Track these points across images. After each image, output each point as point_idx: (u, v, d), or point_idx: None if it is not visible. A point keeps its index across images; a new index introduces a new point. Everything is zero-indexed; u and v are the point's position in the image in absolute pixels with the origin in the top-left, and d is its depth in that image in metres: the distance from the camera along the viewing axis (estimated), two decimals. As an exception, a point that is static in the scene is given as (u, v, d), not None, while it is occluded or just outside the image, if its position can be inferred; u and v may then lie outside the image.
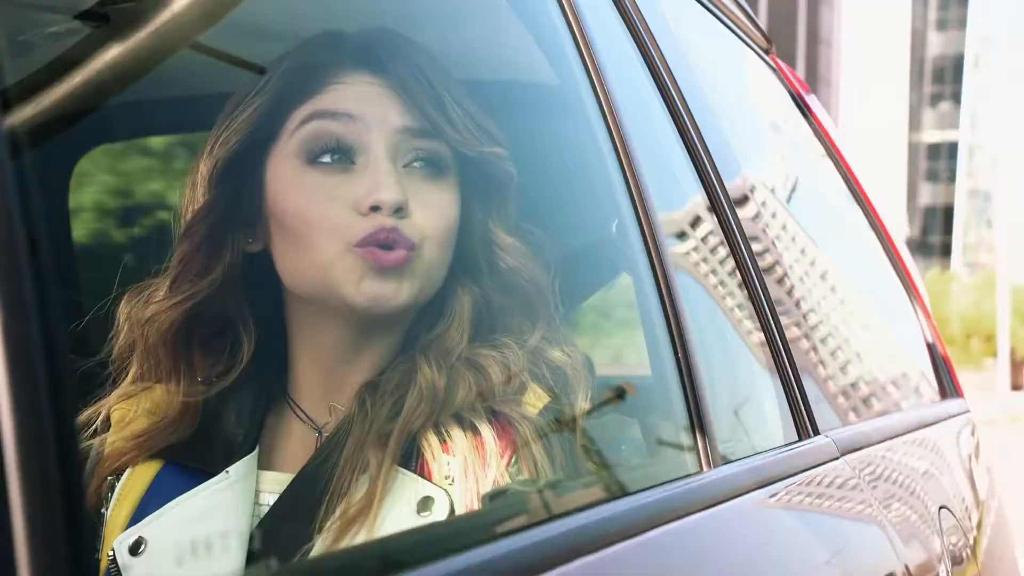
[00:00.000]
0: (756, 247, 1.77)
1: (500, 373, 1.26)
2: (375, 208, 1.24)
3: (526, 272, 1.32)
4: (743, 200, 1.82)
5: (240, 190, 1.30)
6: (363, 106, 1.28)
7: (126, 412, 1.32)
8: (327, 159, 1.27)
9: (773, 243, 1.94)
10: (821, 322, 2.12)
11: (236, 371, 1.31)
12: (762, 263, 1.76)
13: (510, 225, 1.33)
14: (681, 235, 1.61)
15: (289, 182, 1.27)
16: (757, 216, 1.91)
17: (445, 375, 1.26)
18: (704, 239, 1.68)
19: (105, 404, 1.33)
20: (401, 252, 1.24)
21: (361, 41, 1.32)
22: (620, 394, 1.44)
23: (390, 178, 1.26)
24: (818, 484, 1.64)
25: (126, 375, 1.32)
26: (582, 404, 1.29)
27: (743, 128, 2.26)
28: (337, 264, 1.25)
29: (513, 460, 1.23)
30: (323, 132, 1.27)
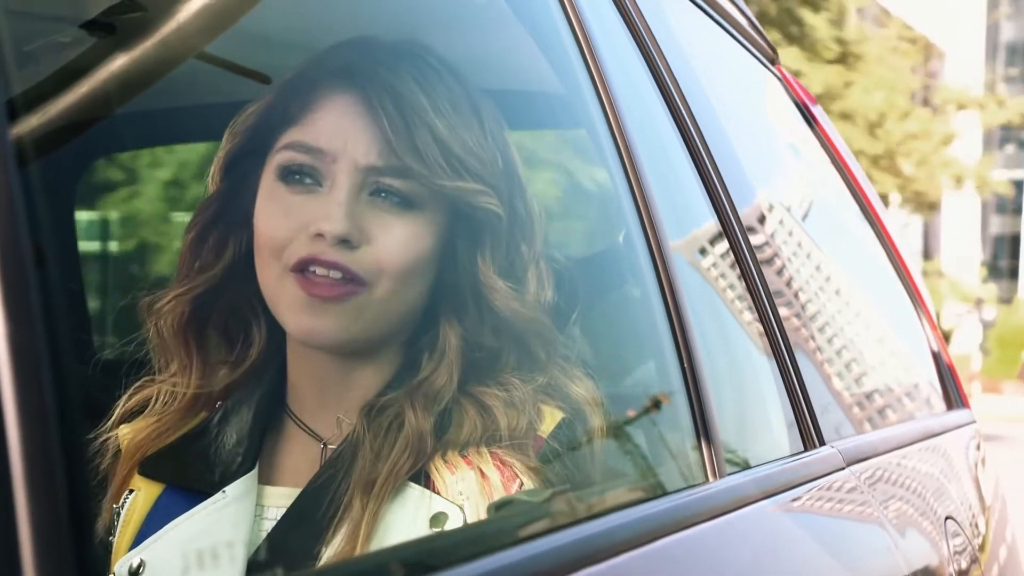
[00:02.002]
0: (761, 255, 1.77)
1: (505, 412, 1.24)
2: (319, 235, 1.23)
3: (521, 317, 1.28)
4: (748, 209, 1.82)
5: (239, 188, 1.31)
6: (334, 140, 1.27)
7: (125, 433, 1.33)
8: (296, 177, 1.27)
9: (777, 251, 1.94)
10: (826, 331, 2.12)
11: (248, 364, 1.32)
12: (767, 271, 1.76)
13: (505, 267, 1.30)
14: (687, 244, 1.61)
15: (265, 193, 1.28)
16: (762, 225, 1.91)
17: (432, 420, 1.24)
18: (710, 248, 1.68)
19: (108, 424, 1.34)
20: (336, 287, 1.23)
21: (342, 62, 1.31)
22: (655, 403, 1.43)
23: (340, 210, 1.24)
24: (824, 494, 1.64)
25: (144, 375, 1.34)
26: (598, 440, 1.28)
27: (749, 138, 2.26)
28: (278, 285, 1.25)
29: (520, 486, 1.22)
30: (294, 161, 1.27)
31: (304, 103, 1.29)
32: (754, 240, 1.76)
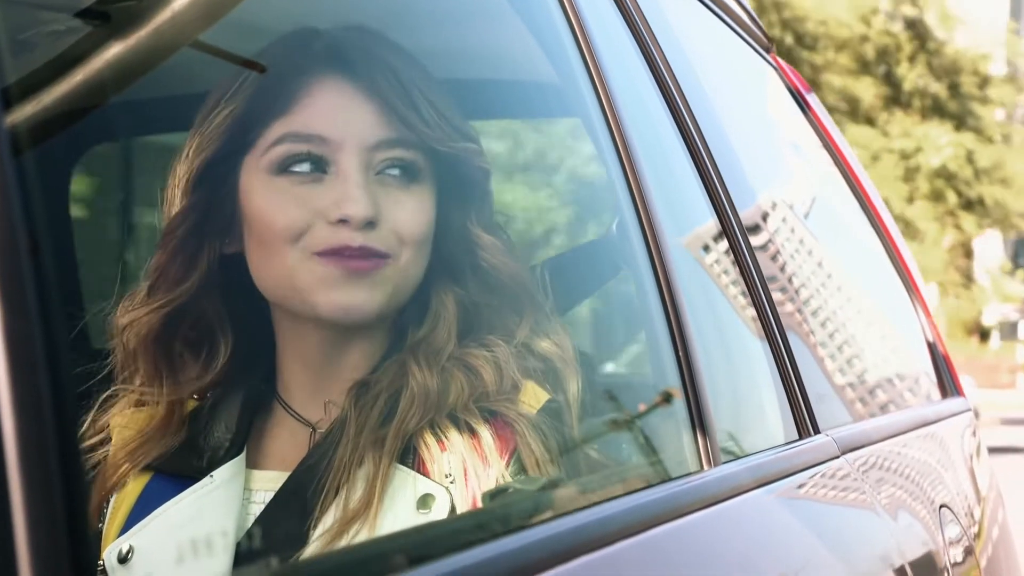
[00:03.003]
0: (756, 243, 1.77)
1: (492, 372, 1.26)
2: (343, 220, 1.24)
3: (507, 269, 1.31)
4: (744, 198, 1.82)
5: (215, 195, 1.30)
6: (333, 124, 1.27)
7: (117, 423, 1.33)
8: (296, 168, 1.27)
9: (773, 239, 1.94)
10: (821, 319, 2.12)
11: (213, 373, 1.32)
12: (762, 259, 1.76)
13: (489, 223, 1.33)
14: (682, 232, 1.61)
15: (260, 189, 1.28)
16: (757, 214, 1.91)
17: (436, 376, 1.25)
18: (705, 236, 1.68)
19: (101, 416, 1.34)
20: (369, 260, 1.24)
21: (333, 42, 1.32)
22: (667, 398, 1.44)
23: (359, 191, 1.25)
24: (819, 483, 1.64)
25: (117, 383, 1.33)
26: (581, 401, 1.28)
27: (744, 127, 2.26)
28: (300, 270, 1.24)
29: (513, 459, 1.23)
30: (292, 151, 1.27)
31: (288, 93, 1.28)
32: (749, 229, 1.76)
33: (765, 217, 1.97)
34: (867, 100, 23.77)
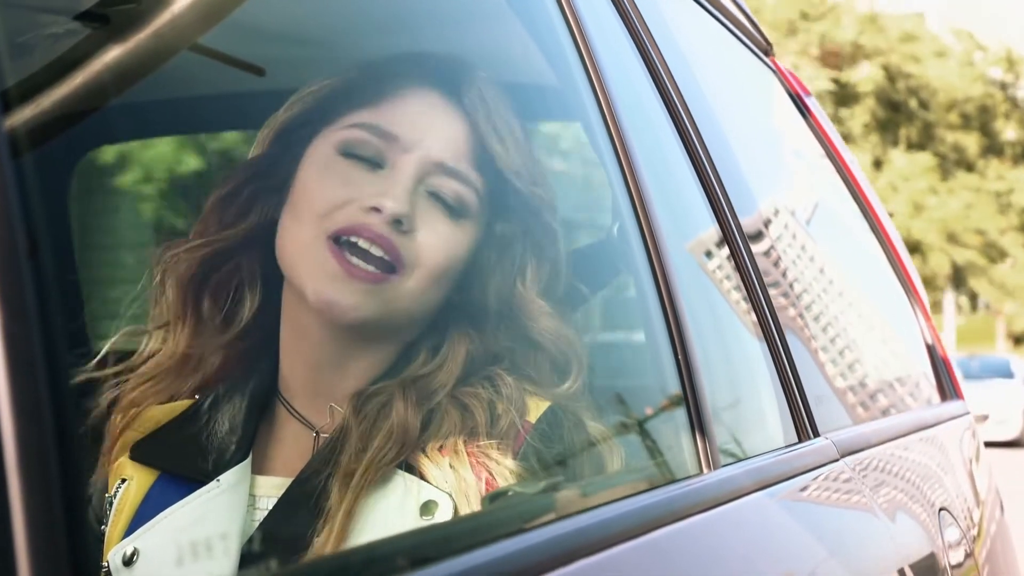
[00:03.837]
0: (755, 246, 1.77)
1: (487, 412, 1.25)
2: (375, 209, 1.25)
3: (557, 335, 1.29)
4: (743, 201, 1.82)
5: (285, 153, 1.32)
6: (410, 127, 1.29)
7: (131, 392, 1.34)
8: (359, 154, 1.28)
9: (772, 242, 1.94)
10: (821, 322, 2.12)
11: (233, 332, 1.33)
12: (761, 262, 1.76)
13: (544, 284, 1.32)
14: (682, 236, 1.61)
15: (318, 161, 1.29)
16: (757, 216, 1.91)
17: (420, 416, 1.24)
18: (705, 239, 1.68)
19: (106, 350, 1.35)
20: (369, 273, 1.24)
21: (440, 62, 1.34)
22: (667, 401, 1.43)
23: (403, 192, 1.26)
24: (818, 486, 1.64)
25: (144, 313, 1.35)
26: (583, 419, 1.28)
27: (743, 129, 2.26)
28: (311, 249, 1.25)
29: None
30: (364, 141, 1.29)
31: (382, 90, 1.31)
32: (748, 231, 1.76)
33: (764, 219, 1.97)
34: (972, 150, 29.83)
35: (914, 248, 26.62)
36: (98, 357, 1.35)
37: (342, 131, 1.29)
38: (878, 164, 26.94)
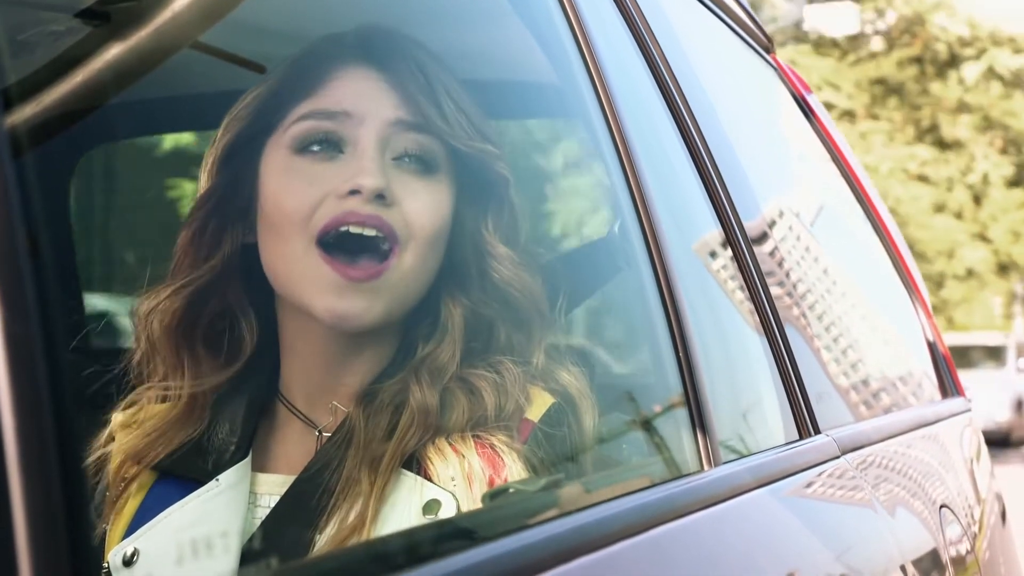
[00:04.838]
0: (756, 243, 1.77)
1: (495, 396, 1.24)
2: (354, 192, 1.23)
3: (520, 284, 1.29)
4: (744, 198, 1.82)
5: (237, 176, 1.30)
6: (357, 102, 1.27)
7: (129, 419, 1.32)
8: (315, 148, 1.26)
9: (773, 239, 1.94)
10: (822, 320, 2.12)
11: (240, 363, 1.30)
12: (761, 259, 1.76)
13: (505, 233, 1.30)
14: (682, 233, 1.61)
15: (276, 169, 1.27)
16: (758, 213, 1.91)
17: (437, 395, 1.23)
18: (705, 236, 1.68)
19: (112, 411, 1.33)
20: (368, 267, 1.22)
21: (362, 38, 1.32)
22: (668, 398, 1.43)
23: (373, 164, 1.24)
24: (819, 483, 1.64)
25: (135, 376, 1.32)
26: (584, 417, 1.28)
27: (744, 127, 2.26)
28: (303, 262, 1.23)
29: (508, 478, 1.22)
30: (315, 128, 1.27)
31: (316, 77, 1.29)
32: (749, 228, 1.76)
33: (765, 217, 1.97)
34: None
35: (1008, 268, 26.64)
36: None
37: (289, 130, 1.27)
38: (978, 200, 26.89)
